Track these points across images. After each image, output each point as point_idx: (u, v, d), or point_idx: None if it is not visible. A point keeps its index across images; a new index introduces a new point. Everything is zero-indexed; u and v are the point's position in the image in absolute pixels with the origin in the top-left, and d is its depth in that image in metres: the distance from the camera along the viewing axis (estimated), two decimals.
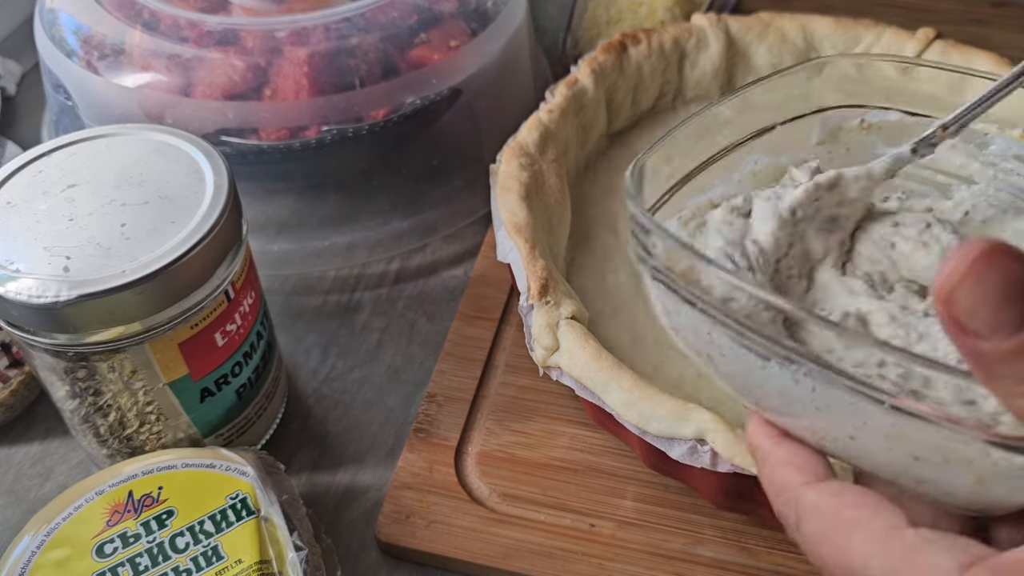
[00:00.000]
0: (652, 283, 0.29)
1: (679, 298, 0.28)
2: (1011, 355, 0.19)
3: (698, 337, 0.28)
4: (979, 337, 0.19)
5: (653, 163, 0.32)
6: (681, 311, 0.28)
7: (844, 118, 0.37)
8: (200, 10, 0.49)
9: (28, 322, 0.33)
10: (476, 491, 0.41)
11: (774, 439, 0.27)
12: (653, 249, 0.28)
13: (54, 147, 0.37)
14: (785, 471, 0.27)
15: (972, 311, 0.19)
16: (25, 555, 0.33)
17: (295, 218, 0.52)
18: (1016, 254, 0.19)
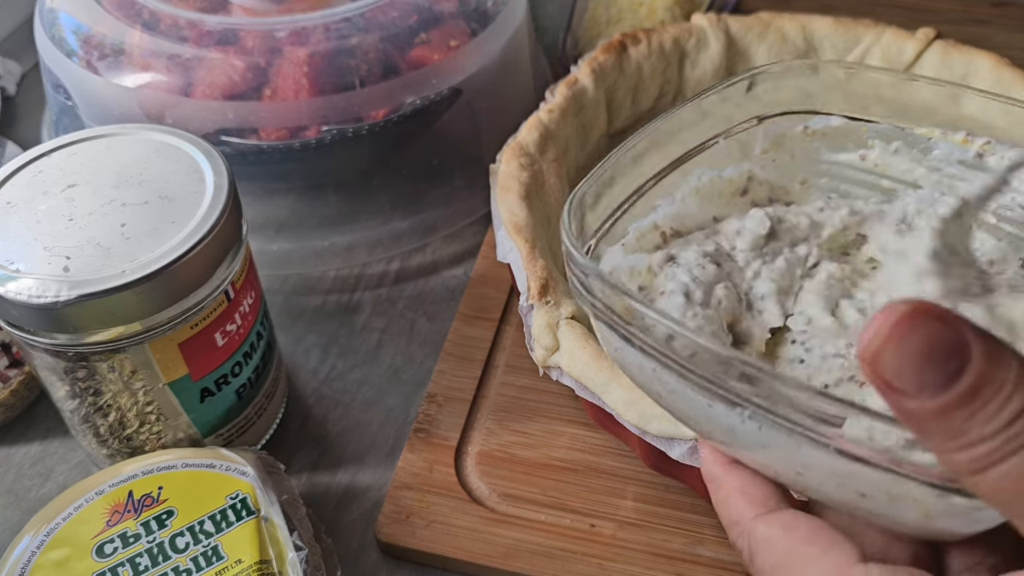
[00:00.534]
0: (595, 321, 0.29)
1: (620, 337, 0.28)
2: (937, 414, 0.19)
3: (643, 374, 0.28)
4: (906, 396, 0.20)
5: (596, 190, 0.32)
6: (625, 349, 0.28)
7: (787, 126, 0.37)
8: (200, 10, 0.49)
9: (28, 322, 0.33)
10: (476, 491, 0.41)
11: (725, 467, 0.28)
12: (591, 288, 0.28)
13: (54, 147, 0.37)
14: (737, 501, 0.27)
15: (897, 372, 0.20)
16: (25, 555, 0.33)
17: (295, 218, 0.52)
18: (939, 313, 0.19)
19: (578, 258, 0.29)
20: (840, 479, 0.24)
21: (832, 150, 0.37)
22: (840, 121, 0.36)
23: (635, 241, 0.34)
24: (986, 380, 0.19)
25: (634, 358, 0.28)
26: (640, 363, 0.28)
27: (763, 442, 0.25)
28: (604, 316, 0.28)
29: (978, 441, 0.19)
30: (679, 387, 0.27)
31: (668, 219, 0.35)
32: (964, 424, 0.19)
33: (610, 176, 0.33)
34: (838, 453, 0.23)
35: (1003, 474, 0.19)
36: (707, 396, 0.26)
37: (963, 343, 0.19)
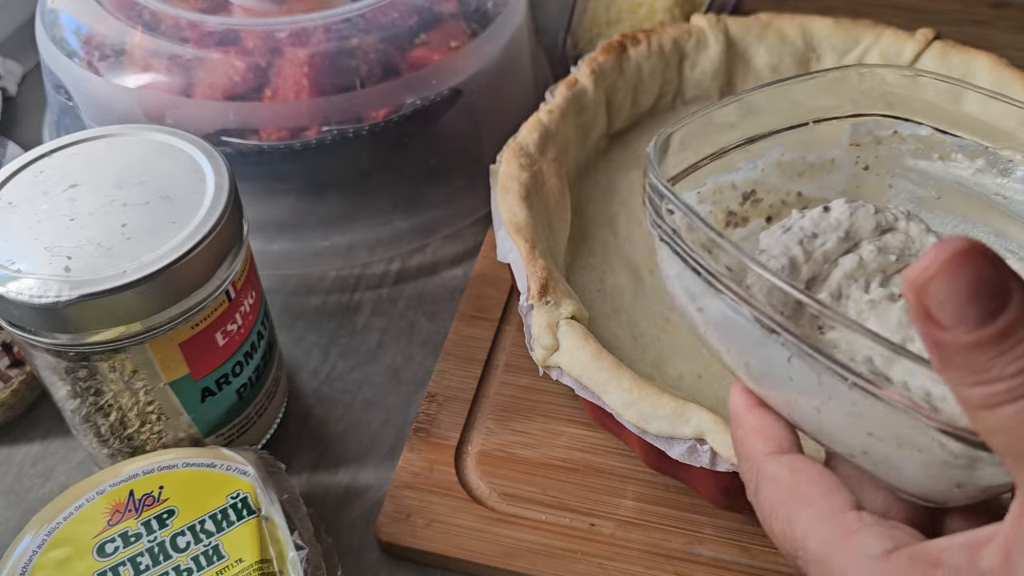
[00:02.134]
0: (659, 244, 0.30)
1: (681, 260, 0.29)
2: (968, 348, 0.20)
3: (693, 302, 0.30)
4: (942, 328, 0.21)
5: (682, 137, 0.34)
6: (683, 273, 0.29)
7: (878, 126, 0.38)
8: (201, 11, 0.49)
9: (29, 322, 0.33)
10: (476, 491, 0.41)
11: (750, 407, 0.29)
12: (663, 213, 0.30)
13: (55, 147, 0.37)
14: (754, 438, 0.28)
15: (941, 303, 0.20)
16: (26, 555, 0.34)
17: (295, 218, 0.52)
18: (991, 256, 0.20)
19: (657, 182, 0.30)
20: (853, 418, 0.25)
21: (916, 156, 0.38)
22: (928, 131, 0.38)
23: (711, 193, 0.36)
24: (1019, 324, 0.20)
25: (688, 283, 0.29)
26: (692, 288, 0.29)
27: (792, 373, 0.26)
28: (669, 238, 0.30)
29: (997, 379, 0.20)
30: (724, 316, 0.28)
31: (747, 182, 0.36)
32: (989, 361, 0.20)
33: (701, 127, 0.34)
34: (856, 388, 0.25)
35: (1012, 413, 0.20)
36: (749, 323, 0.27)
37: (1007, 288, 0.20)
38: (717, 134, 0.35)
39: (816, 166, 0.38)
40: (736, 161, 0.36)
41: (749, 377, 0.29)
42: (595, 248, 0.48)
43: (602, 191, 0.51)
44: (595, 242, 0.48)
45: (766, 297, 0.27)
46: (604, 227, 0.49)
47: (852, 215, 0.36)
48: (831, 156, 0.38)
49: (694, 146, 0.35)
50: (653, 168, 0.31)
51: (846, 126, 0.38)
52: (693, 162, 0.35)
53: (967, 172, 0.37)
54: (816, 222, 0.36)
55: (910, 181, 0.39)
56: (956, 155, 0.37)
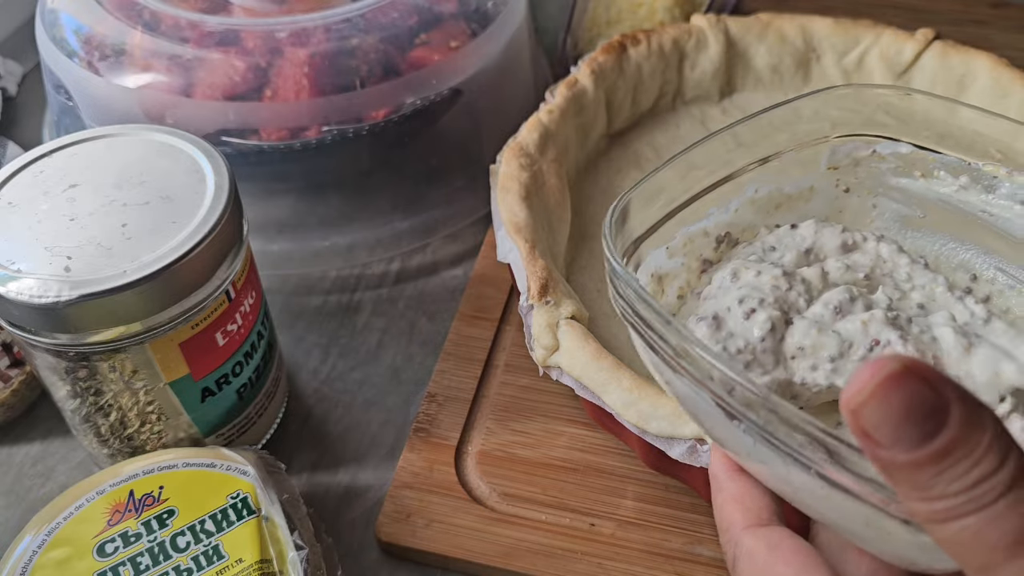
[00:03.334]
0: (624, 321, 0.30)
1: (643, 342, 0.29)
2: (908, 467, 0.20)
3: (660, 375, 0.30)
4: (880, 446, 0.21)
5: (645, 193, 0.33)
6: (646, 351, 0.29)
7: (855, 148, 0.38)
8: (201, 11, 0.49)
9: (29, 322, 0.33)
10: (476, 491, 0.41)
11: (729, 473, 0.29)
12: (623, 293, 0.29)
13: (55, 147, 0.37)
14: (732, 508, 0.28)
15: (876, 426, 0.20)
16: (26, 555, 0.34)
17: (295, 218, 0.52)
18: (924, 374, 0.20)
19: (612, 261, 0.30)
20: (822, 501, 0.25)
21: (898, 175, 0.38)
22: (908, 148, 0.37)
23: (682, 245, 0.36)
24: (958, 444, 0.20)
25: (651, 358, 0.29)
26: (655, 364, 0.29)
27: (758, 456, 0.26)
28: (630, 319, 0.29)
29: (940, 497, 0.20)
30: (689, 394, 0.28)
31: (720, 226, 0.36)
32: (931, 480, 0.20)
33: (660, 183, 0.34)
34: (819, 477, 0.24)
35: (960, 528, 0.20)
36: (713, 406, 0.27)
37: (944, 406, 0.20)
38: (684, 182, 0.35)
39: (794, 196, 0.38)
40: (706, 208, 0.36)
41: (728, 451, 0.29)
42: (595, 248, 0.48)
43: (602, 191, 0.51)
44: (595, 242, 0.48)
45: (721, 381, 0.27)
46: None
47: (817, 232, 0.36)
48: (809, 184, 0.38)
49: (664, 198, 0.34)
50: (607, 242, 0.30)
51: (823, 151, 0.37)
52: (660, 217, 0.34)
53: (951, 189, 0.37)
54: (780, 237, 0.35)
55: (893, 200, 0.38)
56: (939, 172, 0.37)
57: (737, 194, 0.36)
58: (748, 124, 0.35)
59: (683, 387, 0.28)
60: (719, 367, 0.26)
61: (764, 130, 0.36)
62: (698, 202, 0.35)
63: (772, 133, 0.36)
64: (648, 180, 0.33)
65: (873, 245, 0.36)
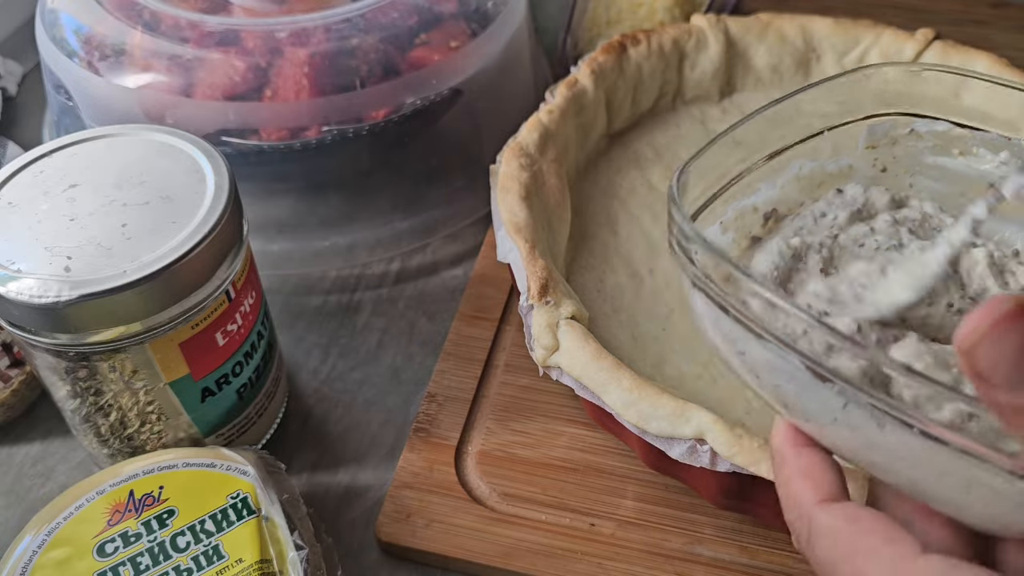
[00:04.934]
0: (692, 290, 0.29)
1: (717, 307, 0.28)
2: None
3: (732, 346, 0.29)
4: (998, 389, 0.20)
5: (700, 167, 0.33)
6: (719, 319, 0.28)
7: (893, 126, 0.38)
8: (201, 11, 0.49)
9: (29, 322, 0.33)
10: (476, 490, 0.41)
11: (796, 447, 0.28)
12: (694, 257, 0.29)
13: (55, 147, 0.37)
14: (801, 484, 0.27)
15: (992, 367, 0.20)
16: (26, 555, 0.34)
17: (295, 218, 0.52)
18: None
19: (684, 226, 0.29)
20: (920, 461, 0.25)
21: (936, 153, 0.37)
22: (945, 126, 0.37)
23: (733, 220, 0.35)
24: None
25: (725, 328, 0.28)
26: (731, 334, 0.28)
27: (847, 421, 0.26)
28: (703, 285, 0.28)
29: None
30: (769, 358, 0.27)
31: (768, 203, 0.36)
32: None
33: (717, 153, 0.33)
34: (924, 435, 0.24)
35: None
36: (796, 369, 0.26)
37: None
38: (731, 158, 0.35)
39: (835, 175, 0.37)
40: (755, 183, 0.35)
41: (795, 415, 0.28)
42: (595, 248, 0.48)
43: (602, 191, 0.51)
44: (595, 242, 0.48)
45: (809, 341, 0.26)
46: (604, 227, 0.49)
47: (866, 191, 0.35)
48: (848, 163, 0.37)
49: (712, 175, 0.34)
50: (678, 210, 0.30)
51: (861, 129, 0.37)
52: (714, 191, 0.34)
53: (991, 166, 0.36)
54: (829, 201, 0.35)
55: (931, 179, 0.38)
56: (977, 150, 0.37)
57: (783, 172, 0.36)
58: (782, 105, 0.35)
59: (764, 353, 0.27)
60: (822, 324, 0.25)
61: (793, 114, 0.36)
62: (747, 178, 0.35)
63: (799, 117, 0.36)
64: (703, 154, 0.32)
65: (917, 203, 0.35)
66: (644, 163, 0.52)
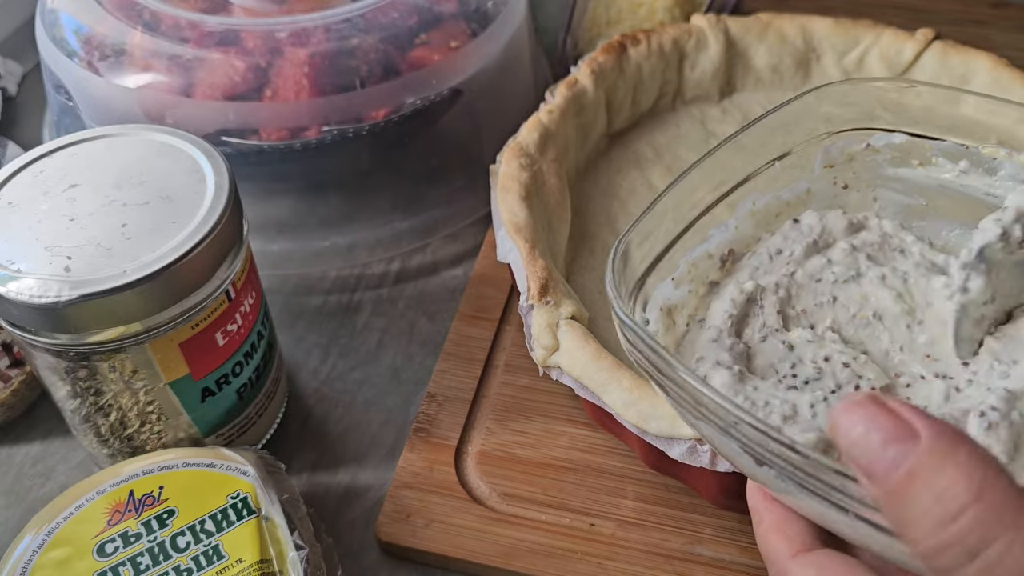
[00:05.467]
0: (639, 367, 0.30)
1: (661, 391, 0.29)
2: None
3: (683, 419, 0.29)
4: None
5: (643, 230, 0.33)
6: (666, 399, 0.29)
7: (848, 143, 0.37)
8: (201, 11, 0.49)
9: (29, 322, 0.33)
10: (476, 490, 0.41)
11: (767, 501, 0.29)
12: (631, 340, 0.29)
13: (55, 147, 0.37)
14: (776, 539, 0.28)
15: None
16: (26, 555, 0.34)
17: (295, 218, 0.52)
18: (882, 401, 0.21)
19: (618, 309, 0.29)
20: (865, 537, 0.25)
21: (895, 165, 0.37)
22: (902, 138, 0.37)
23: (687, 272, 0.35)
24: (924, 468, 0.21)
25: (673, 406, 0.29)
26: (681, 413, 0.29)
27: (793, 496, 0.26)
28: (642, 365, 0.29)
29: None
30: (717, 438, 0.28)
31: (723, 245, 0.36)
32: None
33: (655, 216, 0.33)
34: (857, 518, 0.24)
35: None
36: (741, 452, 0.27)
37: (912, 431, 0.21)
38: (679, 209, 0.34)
39: (792, 202, 0.37)
40: (706, 231, 0.35)
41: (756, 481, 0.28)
42: (595, 248, 0.48)
43: (602, 191, 0.51)
44: (595, 242, 0.48)
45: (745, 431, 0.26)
46: (604, 227, 0.49)
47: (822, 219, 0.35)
48: (805, 187, 0.37)
49: (659, 231, 0.34)
50: (612, 291, 0.30)
51: (815, 152, 0.37)
52: (659, 252, 0.34)
53: (951, 175, 0.36)
54: (785, 234, 0.35)
55: (894, 191, 0.38)
56: (936, 159, 0.37)
57: (735, 210, 0.36)
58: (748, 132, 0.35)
59: (709, 431, 0.28)
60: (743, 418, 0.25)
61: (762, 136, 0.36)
62: (697, 226, 0.35)
63: (770, 138, 0.36)
64: (643, 218, 0.32)
65: (876, 222, 0.35)
66: (644, 163, 0.52)
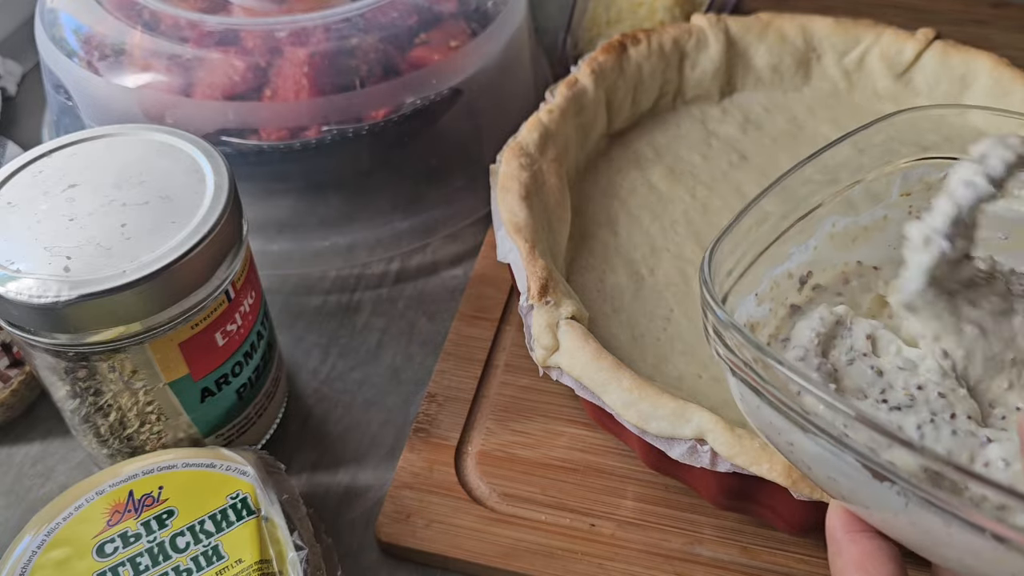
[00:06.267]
0: (731, 378, 0.29)
1: (756, 394, 0.27)
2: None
3: (779, 436, 0.28)
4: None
5: (731, 240, 0.32)
6: (761, 408, 0.28)
7: (926, 172, 0.37)
8: (200, 10, 0.49)
9: (29, 322, 0.33)
10: (476, 491, 0.41)
11: (850, 533, 0.27)
12: (730, 344, 0.28)
13: (54, 147, 0.37)
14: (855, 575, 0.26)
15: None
16: (26, 555, 0.34)
17: (295, 218, 0.52)
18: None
19: (717, 311, 0.28)
20: (992, 560, 0.24)
21: None
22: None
23: (769, 290, 0.34)
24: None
25: (769, 416, 0.27)
26: (775, 423, 0.27)
27: (909, 517, 0.25)
28: (742, 373, 0.28)
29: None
30: (818, 452, 0.26)
31: (803, 266, 0.35)
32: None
33: (746, 228, 0.32)
34: (995, 539, 0.23)
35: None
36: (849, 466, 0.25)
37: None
38: (763, 226, 0.33)
39: (869, 227, 0.37)
40: (787, 249, 0.34)
41: (853, 505, 0.27)
42: (595, 248, 0.48)
43: (602, 191, 0.51)
44: (595, 242, 0.48)
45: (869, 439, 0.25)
46: (604, 227, 0.49)
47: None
48: (882, 214, 0.36)
49: (744, 244, 0.33)
50: (711, 295, 0.28)
51: (895, 179, 0.36)
52: (746, 264, 0.33)
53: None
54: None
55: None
56: (1018, 191, 0.35)
57: (815, 231, 0.35)
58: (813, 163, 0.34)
59: (813, 447, 0.26)
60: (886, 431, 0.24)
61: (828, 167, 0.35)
62: (779, 243, 0.34)
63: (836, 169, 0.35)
64: (733, 228, 0.31)
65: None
66: (644, 163, 0.52)
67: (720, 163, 0.52)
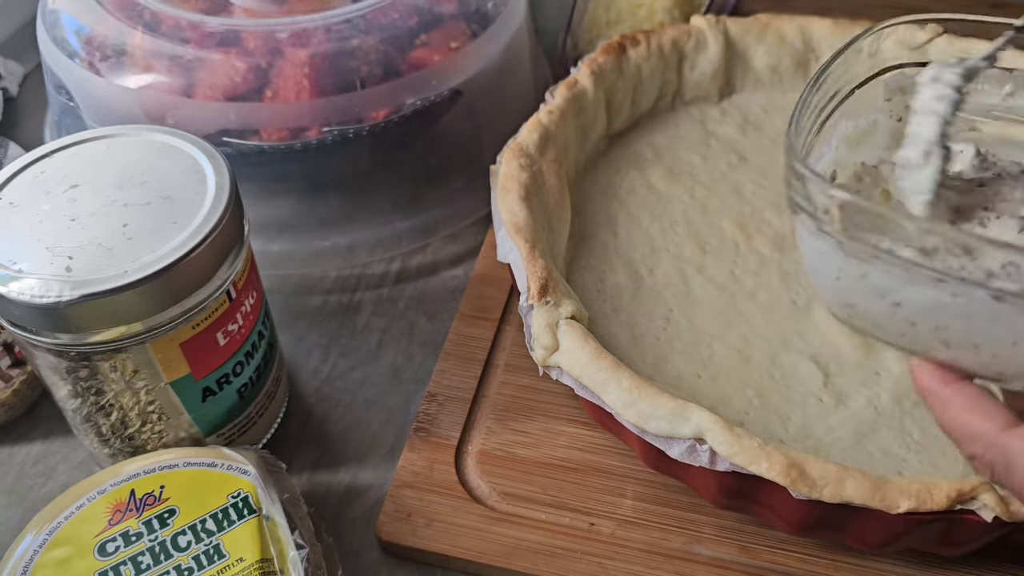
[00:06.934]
0: (825, 253, 0.29)
1: (864, 262, 0.28)
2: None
3: (885, 299, 0.28)
4: None
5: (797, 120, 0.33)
6: (867, 275, 0.28)
7: (903, 77, 0.38)
8: (201, 11, 0.49)
9: (30, 322, 0.33)
10: (476, 490, 0.41)
11: (951, 385, 0.28)
12: (815, 190, 0.29)
13: (56, 148, 0.38)
14: (974, 418, 0.27)
15: None
16: (27, 554, 0.34)
17: (296, 218, 0.52)
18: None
19: (800, 168, 0.29)
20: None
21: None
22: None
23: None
24: None
25: (876, 281, 0.28)
26: (882, 285, 0.28)
27: (973, 317, 0.26)
28: (851, 236, 0.28)
29: None
30: (932, 300, 0.27)
31: (829, 165, 0.36)
32: None
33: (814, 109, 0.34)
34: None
35: None
36: (971, 303, 0.26)
37: None
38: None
39: (866, 131, 0.38)
40: (819, 149, 0.36)
41: (959, 350, 0.27)
42: (595, 248, 0.48)
43: (602, 191, 0.51)
44: (595, 242, 0.48)
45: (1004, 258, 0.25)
46: (604, 227, 0.49)
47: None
48: (873, 118, 0.38)
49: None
50: (793, 148, 0.29)
51: (879, 85, 0.38)
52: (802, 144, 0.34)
53: (996, 100, 0.37)
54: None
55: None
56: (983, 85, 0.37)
57: (834, 135, 0.37)
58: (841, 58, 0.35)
59: (929, 296, 0.27)
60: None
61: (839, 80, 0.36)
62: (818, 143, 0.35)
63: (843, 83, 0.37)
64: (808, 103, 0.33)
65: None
66: (644, 163, 0.52)
67: (719, 164, 0.52)
